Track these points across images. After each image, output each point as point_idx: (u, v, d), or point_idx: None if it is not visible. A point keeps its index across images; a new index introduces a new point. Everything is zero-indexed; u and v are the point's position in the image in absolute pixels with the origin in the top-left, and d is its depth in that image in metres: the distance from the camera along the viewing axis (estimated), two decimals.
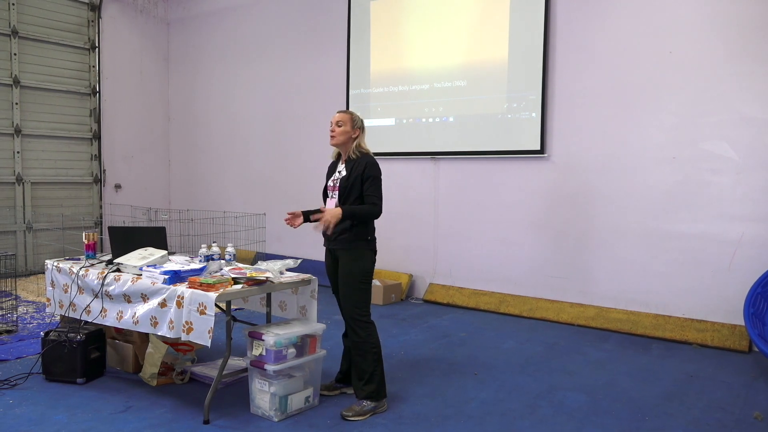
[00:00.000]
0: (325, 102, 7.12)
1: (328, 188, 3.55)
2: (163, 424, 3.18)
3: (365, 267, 3.43)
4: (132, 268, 3.55)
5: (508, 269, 5.89)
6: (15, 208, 7.32)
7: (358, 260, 3.41)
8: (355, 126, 3.48)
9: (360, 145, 3.49)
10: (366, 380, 3.38)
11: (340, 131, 3.46)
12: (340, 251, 3.46)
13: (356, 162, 3.44)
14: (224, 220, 6.72)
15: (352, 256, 3.41)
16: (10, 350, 4.33)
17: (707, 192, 4.87)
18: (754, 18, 4.64)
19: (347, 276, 3.41)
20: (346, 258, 3.43)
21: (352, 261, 3.41)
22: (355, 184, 3.39)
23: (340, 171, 3.51)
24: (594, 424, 3.28)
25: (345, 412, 3.32)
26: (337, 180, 3.50)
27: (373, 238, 3.50)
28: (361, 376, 3.40)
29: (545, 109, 5.58)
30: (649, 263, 5.14)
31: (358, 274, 3.40)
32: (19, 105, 7.29)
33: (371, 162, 3.44)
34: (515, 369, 4.17)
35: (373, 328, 3.46)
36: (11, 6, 7.15)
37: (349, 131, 3.46)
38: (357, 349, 3.41)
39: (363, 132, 3.53)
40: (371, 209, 3.39)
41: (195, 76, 8.58)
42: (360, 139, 3.49)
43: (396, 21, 6.50)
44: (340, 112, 3.52)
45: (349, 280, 3.40)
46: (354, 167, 3.43)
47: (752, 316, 4.29)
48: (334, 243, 3.47)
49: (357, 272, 3.40)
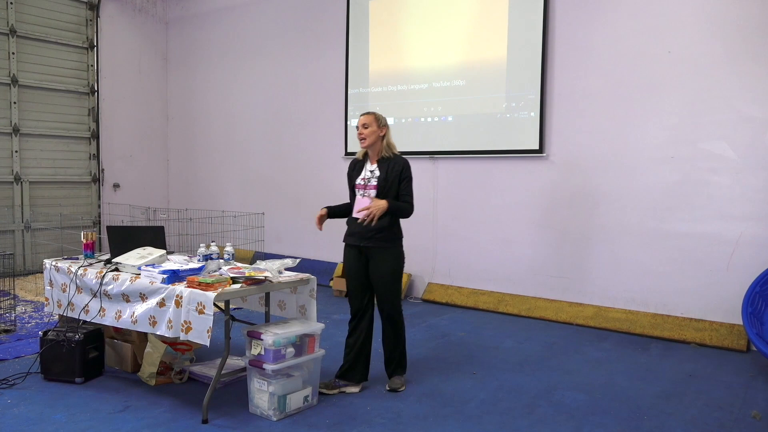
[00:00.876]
0: (323, 101, 7.12)
1: (358, 186, 3.64)
2: (161, 423, 3.18)
3: (401, 263, 3.69)
4: (130, 267, 3.54)
5: (507, 269, 5.89)
6: (13, 208, 7.31)
7: (397, 258, 3.64)
8: (381, 124, 3.63)
9: (390, 143, 3.64)
10: (399, 358, 3.73)
11: (368, 132, 3.59)
12: (375, 249, 3.59)
13: (392, 162, 3.59)
14: (223, 219, 6.71)
15: (392, 254, 3.62)
16: (9, 350, 4.33)
17: (706, 191, 4.87)
18: (753, 18, 4.64)
19: (389, 274, 3.60)
20: (384, 256, 3.59)
21: (392, 259, 3.61)
22: (394, 184, 3.56)
23: (372, 171, 3.62)
24: (593, 423, 3.28)
25: (393, 386, 3.65)
26: (369, 179, 3.60)
27: (402, 236, 3.71)
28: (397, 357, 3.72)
29: (544, 109, 5.58)
30: (647, 263, 5.15)
31: (397, 270, 3.65)
32: (17, 104, 7.27)
33: (407, 164, 3.63)
34: (514, 368, 4.17)
35: (403, 316, 3.76)
36: (9, 5, 7.13)
37: (376, 131, 3.60)
38: (395, 337, 3.70)
39: (388, 128, 3.67)
40: (408, 208, 3.60)
41: (194, 76, 8.57)
42: (388, 136, 3.65)
43: (395, 20, 6.49)
44: (364, 115, 3.66)
45: (391, 277, 3.61)
46: (391, 167, 3.57)
47: (750, 316, 4.30)
48: (369, 241, 3.58)
49: (397, 269, 3.64)
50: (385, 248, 3.58)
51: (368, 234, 3.54)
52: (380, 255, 3.58)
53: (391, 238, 3.59)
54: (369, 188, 3.59)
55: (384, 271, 3.59)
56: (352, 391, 3.65)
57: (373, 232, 3.53)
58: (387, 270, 3.59)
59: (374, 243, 3.56)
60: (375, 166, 3.63)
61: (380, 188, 3.55)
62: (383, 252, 3.58)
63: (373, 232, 3.53)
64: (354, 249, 3.66)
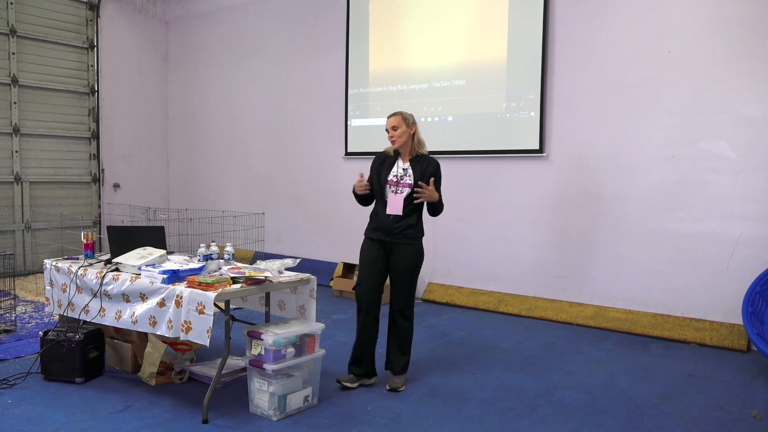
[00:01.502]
0: (323, 101, 7.12)
1: (390, 183, 3.68)
2: (161, 423, 3.18)
3: (421, 261, 3.75)
4: (131, 267, 3.54)
5: (507, 268, 5.89)
6: (13, 208, 7.31)
7: (419, 255, 3.71)
8: (409, 123, 3.70)
9: (420, 139, 3.73)
10: (407, 357, 3.77)
11: (398, 134, 3.67)
12: (402, 245, 3.65)
13: (425, 161, 3.68)
14: (223, 219, 6.72)
15: (417, 250, 3.69)
16: (9, 350, 4.33)
17: (706, 191, 4.87)
18: (753, 18, 4.64)
19: (411, 269, 3.68)
20: (409, 252, 3.66)
21: (416, 254, 3.69)
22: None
23: (405, 169, 3.68)
24: (593, 423, 3.28)
25: (394, 386, 3.66)
26: (401, 176, 3.66)
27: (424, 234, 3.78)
28: (404, 353, 3.76)
29: (544, 109, 5.58)
30: (647, 262, 5.14)
31: (418, 267, 3.72)
32: (17, 104, 7.27)
33: (439, 165, 3.73)
34: (514, 368, 4.17)
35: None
36: (9, 5, 7.13)
37: (406, 130, 3.68)
38: (405, 332, 3.74)
39: (417, 125, 3.75)
40: (442, 207, 3.74)
41: (194, 76, 8.57)
42: (417, 133, 3.73)
43: (395, 20, 6.49)
44: (392, 116, 3.69)
45: (411, 273, 3.69)
46: (425, 167, 3.66)
47: (751, 315, 4.30)
48: (398, 237, 3.64)
49: (417, 265, 3.71)
50: (410, 244, 3.66)
51: (396, 230, 3.63)
52: (407, 250, 3.65)
53: (416, 235, 3.68)
54: (402, 185, 3.64)
55: (406, 264, 3.65)
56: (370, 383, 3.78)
57: (402, 228, 3.62)
58: (409, 264, 3.66)
59: (404, 239, 3.65)
60: (408, 164, 3.69)
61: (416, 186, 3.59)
62: (410, 248, 3.66)
63: (401, 228, 3.62)
64: (377, 243, 3.70)
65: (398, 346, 3.75)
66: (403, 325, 3.73)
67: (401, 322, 3.73)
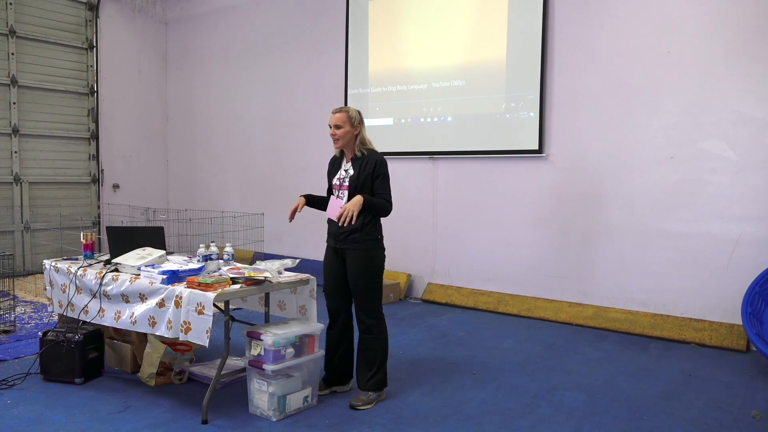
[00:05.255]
0: (323, 101, 7.11)
1: (334, 186, 3.55)
2: (161, 424, 3.18)
3: (378, 265, 3.50)
4: (130, 268, 3.54)
5: (507, 269, 5.89)
6: (13, 208, 7.30)
7: (372, 259, 3.46)
8: (354, 122, 3.44)
9: (364, 141, 3.48)
10: (374, 372, 3.48)
11: (341, 133, 3.43)
12: (349, 251, 3.45)
13: (364, 160, 3.44)
14: (222, 219, 6.71)
15: (365, 255, 3.44)
16: (8, 350, 4.33)
17: (705, 191, 4.87)
18: (752, 18, 4.64)
19: (362, 276, 3.44)
20: (357, 258, 3.44)
21: (365, 260, 3.44)
22: (366, 183, 3.40)
23: (347, 170, 3.49)
24: (592, 423, 3.28)
25: (354, 402, 3.43)
26: (344, 179, 3.48)
27: (381, 236, 3.53)
28: (369, 368, 3.48)
29: (543, 109, 5.58)
30: (647, 263, 5.14)
31: (372, 272, 3.47)
32: (16, 105, 7.27)
33: (380, 160, 3.45)
34: (514, 368, 4.17)
35: (384, 324, 3.56)
36: (9, 5, 7.13)
37: (349, 130, 3.44)
38: (368, 344, 3.49)
39: (363, 125, 3.50)
40: (386, 205, 3.44)
41: (193, 76, 8.56)
42: (362, 134, 3.48)
43: (394, 20, 6.50)
44: (336, 113, 3.44)
45: (364, 280, 3.45)
46: (363, 166, 3.42)
47: (750, 316, 4.30)
48: (344, 243, 3.45)
49: (371, 271, 3.46)
50: (358, 249, 3.42)
51: (341, 235, 3.43)
52: (355, 256, 3.43)
53: (364, 239, 3.41)
54: (343, 188, 3.47)
55: (357, 271, 3.43)
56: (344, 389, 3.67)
57: (346, 233, 3.40)
58: (360, 270, 3.42)
59: (348, 244, 3.43)
60: (349, 165, 3.49)
61: (352, 188, 3.42)
62: (357, 253, 3.43)
63: (346, 233, 3.40)
64: (332, 249, 3.56)
65: (363, 360, 3.51)
66: (364, 336, 3.49)
67: (362, 333, 3.51)
